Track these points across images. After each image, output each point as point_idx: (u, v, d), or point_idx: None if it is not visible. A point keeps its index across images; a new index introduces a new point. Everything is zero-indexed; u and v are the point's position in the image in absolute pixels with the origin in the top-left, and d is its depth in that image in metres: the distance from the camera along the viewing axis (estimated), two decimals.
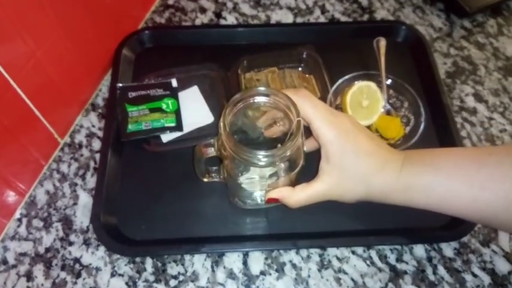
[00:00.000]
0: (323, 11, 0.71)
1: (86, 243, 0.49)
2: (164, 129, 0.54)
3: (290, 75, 0.59)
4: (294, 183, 0.47)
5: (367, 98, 0.55)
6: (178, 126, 0.54)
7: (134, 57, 0.62)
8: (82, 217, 0.50)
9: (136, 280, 0.47)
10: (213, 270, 0.47)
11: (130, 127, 0.53)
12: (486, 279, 0.48)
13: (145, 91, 0.56)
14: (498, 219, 0.37)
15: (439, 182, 0.37)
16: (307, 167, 0.45)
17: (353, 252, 0.49)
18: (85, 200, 0.51)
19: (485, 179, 0.35)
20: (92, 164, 0.54)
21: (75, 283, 0.46)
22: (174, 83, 0.58)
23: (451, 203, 0.38)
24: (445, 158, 0.38)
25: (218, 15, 0.69)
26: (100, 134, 0.56)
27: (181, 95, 0.57)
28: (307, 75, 0.60)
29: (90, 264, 0.48)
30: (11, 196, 0.49)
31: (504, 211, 0.35)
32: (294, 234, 0.49)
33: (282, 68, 0.60)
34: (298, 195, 0.42)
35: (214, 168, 0.49)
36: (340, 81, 0.57)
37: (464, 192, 0.36)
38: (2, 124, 0.44)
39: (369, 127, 0.56)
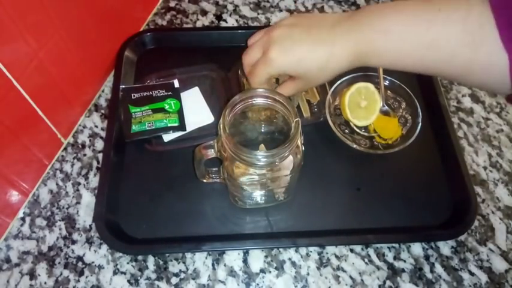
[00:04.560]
0: (322, 13, 0.71)
1: (89, 241, 0.49)
2: (167, 129, 0.54)
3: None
4: (293, 183, 0.48)
5: (365, 98, 0.56)
6: (181, 126, 0.55)
7: (136, 59, 0.63)
8: (85, 216, 0.51)
9: (139, 278, 0.47)
10: (213, 268, 0.48)
11: (134, 127, 0.54)
12: (483, 278, 0.48)
13: (148, 92, 0.57)
14: (443, 73, 0.40)
15: (390, 47, 0.39)
16: (307, 167, 0.45)
17: (351, 251, 0.49)
18: (88, 199, 0.52)
19: (433, 38, 0.37)
20: (94, 163, 0.55)
21: (78, 281, 0.47)
22: (176, 83, 0.59)
23: (400, 64, 0.40)
24: (395, 19, 0.39)
25: (219, 17, 0.70)
26: (103, 134, 0.57)
27: (183, 95, 0.58)
28: None
29: (93, 262, 0.48)
30: (14, 195, 0.50)
31: (448, 66, 0.38)
32: (293, 232, 0.49)
33: None
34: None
35: (214, 169, 0.50)
36: (338, 82, 0.57)
37: (413, 53, 0.38)
38: (5, 124, 0.45)
39: (367, 127, 0.57)
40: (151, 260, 0.48)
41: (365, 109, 0.56)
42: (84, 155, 0.55)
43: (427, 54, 0.38)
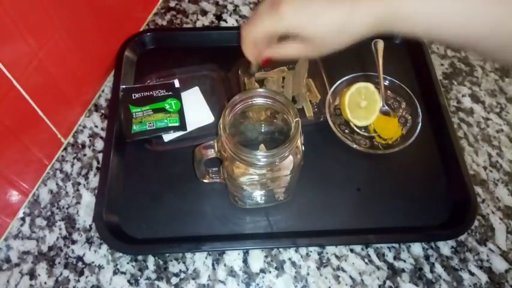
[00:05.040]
0: None
1: (89, 241, 0.49)
2: (168, 129, 0.54)
3: (289, 76, 0.60)
4: (293, 183, 0.48)
5: (365, 98, 0.56)
6: (182, 126, 0.55)
7: (136, 59, 0.63)
8: (85, 216, 0.51)
9: (139, 278, 0.47)
10: (213, 268, 0.48)
11: (135, 127, 0.54)
12: (483, 278, 0.48)
13: (149, 92, 0.57)
14: (483, 47, 0.36)
15: (427, 11, 0.34)
16: (307, 167, 0.45)
17: (351, 251, 0.49)
18: (88, 199, 0.52)
19: (475, 3, 0.33)
20: (94, 163, 0.55)
21: (78, 281, 0.47)
22: (177, 83, 0.59)
23: (433, 33, 0.36)
24: None
25: (219, 17, 0.70)
26: (103, 134, 0.57)
27: (183, 95, 0.58)
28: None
29: (93, 262, 0.48)
30: (14, 195, 0.50)
31: (490, 36, 0.34)
32: (293, 232, 0.49)
33: (291, 68, 0.61)
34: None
35: (214, 169, 0.50)
36: (338, 82, 0.57)
37: (451, 21, 0.34)
38: (5, 124, 0.45)
39: (367, 127, 0.57)
40: (151, 260, 0.48)
41: (365, 109, 0.56)
42: (84, 155, 0.55)
43: (468, 22, 0.33)
